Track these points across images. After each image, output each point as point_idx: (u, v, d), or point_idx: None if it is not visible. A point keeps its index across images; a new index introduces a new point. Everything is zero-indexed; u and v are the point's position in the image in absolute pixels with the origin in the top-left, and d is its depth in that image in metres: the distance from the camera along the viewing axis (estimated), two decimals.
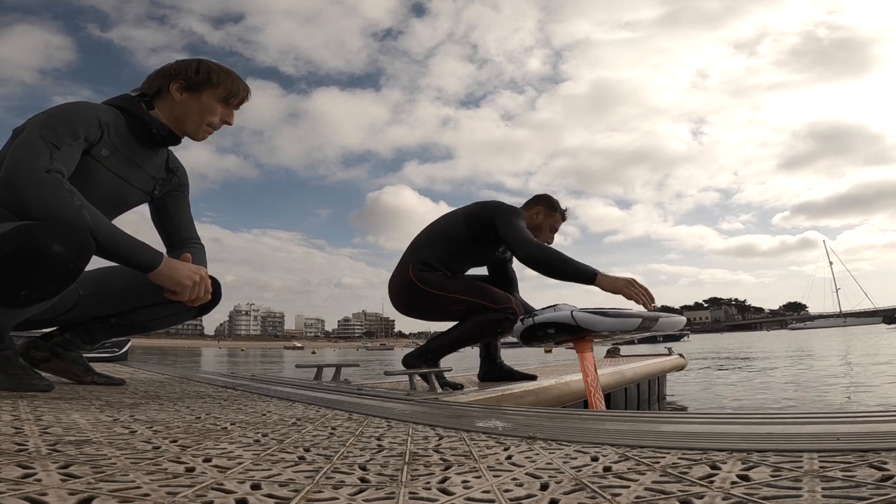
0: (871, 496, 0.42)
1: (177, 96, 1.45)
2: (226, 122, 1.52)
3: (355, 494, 0.48)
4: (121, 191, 1.46)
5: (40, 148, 1.21)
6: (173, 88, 1.45)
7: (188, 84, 1.45)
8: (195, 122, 1.48)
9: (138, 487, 0.47)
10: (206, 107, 1.47)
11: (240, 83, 1.52)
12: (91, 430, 0.77)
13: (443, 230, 2.30)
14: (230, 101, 1.50)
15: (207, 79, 1.46)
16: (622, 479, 0.52)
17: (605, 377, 2.73)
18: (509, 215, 2.15)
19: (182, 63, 1.48)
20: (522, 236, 2.07)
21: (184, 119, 1.47)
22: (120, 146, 1.41)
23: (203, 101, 1.46)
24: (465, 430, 0.86)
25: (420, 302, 2.23)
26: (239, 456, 0.63)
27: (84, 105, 1.35)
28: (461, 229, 2.25)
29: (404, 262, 2.26)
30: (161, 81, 1.46)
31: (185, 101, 1.45)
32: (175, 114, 1.47)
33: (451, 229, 2.28)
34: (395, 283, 2.27)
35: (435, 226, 2.35)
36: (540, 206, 2.38)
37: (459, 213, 2.33)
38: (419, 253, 2.25)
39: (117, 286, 1.58)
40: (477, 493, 0.48)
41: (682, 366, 3.93)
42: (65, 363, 1.60)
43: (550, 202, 2.39)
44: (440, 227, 2.32)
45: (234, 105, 1.52)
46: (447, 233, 2.28)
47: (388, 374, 2.31)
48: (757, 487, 0.47)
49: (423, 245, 2.28)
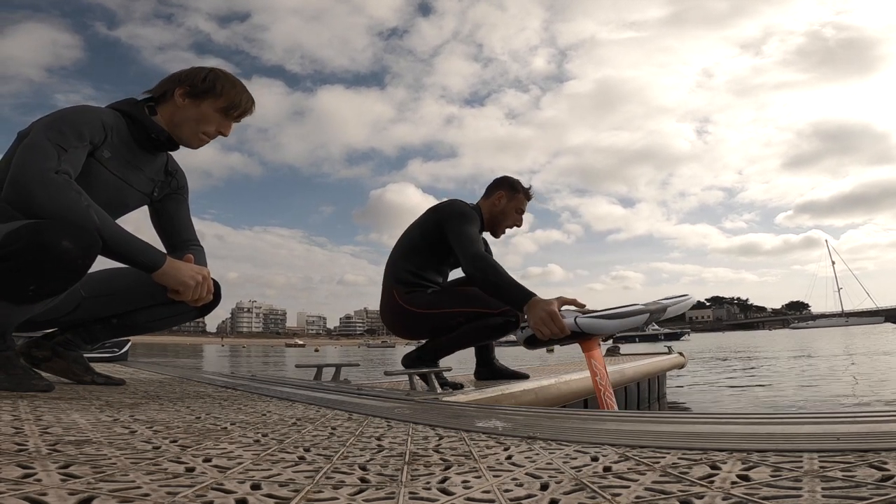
0: (872, 496, 0.42)
1: (179, 102, 1.47)
2: (221, 133, 1.52)
3: (355, 494, 0.48)
4: (121, 192, 1.49)
5: (48, 150, 1.23)
6: (177, 94, 1.46)
7: (192, 91, 1.46)
8: (191, 128, 1.49)
9: (138, 487, 0.47)
10: (203, 115, 1.47)
11: (244, 96, 1.52)
12: (91, 430, 0.77)
13: (406, 243, 2.24)
14: (230, 112, 1.51)
15: (212, 87, 1.47)
16: (622, 479, 0.52)
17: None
18: (456, 222, 2.05)
19: (194, 70, 1.50)
20: (467, 250, 1.95)
21: (180, 125, 1.48)
22: (121, 149, 1.44)
23: (202, 109, 1.47)
24: (465, 430, 0.86)
25: (417, 325, 2.16)
26: (239, 456, 0.63)
27: (89, 108, 1.38)
28: (418, 240, 2.19)
29: (387, 288, 2.19)
30: (168, 86, 1.48)
31: (186, 107, 1.47)
32: (173, 118, 1.48)
33: (412, 240, 2.22)
34: (386, 311, 2.20)
35: (400, 241, 2.28)
36: (501, 189, 2.26)
37: (415, 223, 2.26)
38: (395, 272, 2.19)
39: (119, 287, 1.59)
40: (477, 493, 0.48)
41: (682, 364, 3.94)
42: (65, 363, 1.61)
43: (510, 183, 2.27)
44: (404, 241, 2.26)
45: (233, 117, 1.53)
46: (410, 244, 2.22)
47: (388, 375, 2.31)
48: (757, 487, 0.47)
49: (396, 263, 2.21)
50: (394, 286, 2.16)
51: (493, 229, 2.28)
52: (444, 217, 2.10)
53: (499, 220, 2.24)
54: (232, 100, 1.49)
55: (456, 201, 2.21)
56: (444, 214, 2.11)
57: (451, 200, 2.22)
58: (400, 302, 2.13)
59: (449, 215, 2.09)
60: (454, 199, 2.25)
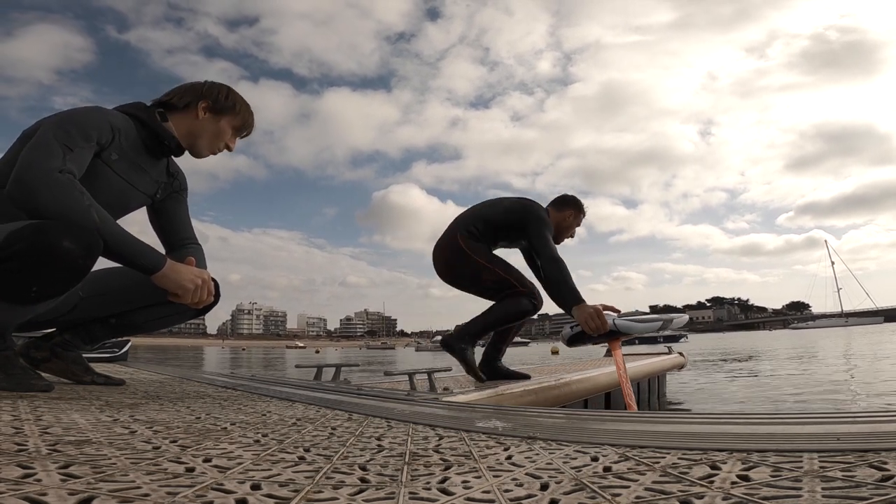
0: (872, 496, 0.42)
1: (200, 114, 1.52)
2: (227, 148, 1.62)
3: (355, 494, 0.48)
4: (126, 194, 1.50)
5: (54, 149, 1.23)
6: (200, 107, 1.52)
7: (214, 106, 1.54)
8: (209, 141, 1.56)
9: (138, 487, 0.47)
10: (221, 130, 1.56)
11: (253, 119, 1.63)
12: (91, 431, 0.77)
13: (487, 212, 2.58)
14: (241, 131, 1.62)
15: (233, 106, 1.56)
16: (622, 480, 0.52)
17: (606, 376, 2.74)
18: (542, 226, 2.43)
19: (213, 85, 1.57)
20: (548, 251, 2.36)
21: (199, 136, 1.55)
22: (128, 151, 1.45)
23: (221, 125, 1.55)
24: (465, 431, 0.86)
25: (465, 267, 2.48)
26: (239, 456, 0.63)
27: (96, 109, 1.39)
28: (499, 216, 2.53)
29: (451, 231, 2.54)
30: (190, 97, 1.53)
31: (206, 121, 1.53)
32: (191, 129, 1.53)
33: (494, 212, 2.56)
34: (443, 247, 2.55)
35: (482, 206, 2.65)
36: (570, 209, 2.69)
37: (504, 202, 2.64)
38: (466, 224, 2.53)
39: (117, 287, 1.58)
40: (477, 494, 0.48)
41: (682, 364, 3.96)
42: (65, 363, 1.61)
43: (578, 205, 2.70)
44: (485, 209, 2.61)
45: (242, 135, 1.64)
46: (490, 214, 2.56)
47: (388, 375, 2.31)
48: (757, 487, 0.47)
49: (469, 218, 2.56)
50: (460, 233, 2.50)
51: (556, 237, 2.63)
52: (533, 218, 2.46)
53: (562, 232, 2.68)
54: (245, 120, 1.60)
55: (542, 208, 2.59)
56: (532, 215, 2.47)
57: (539, 205, 2.59)
58: (462, 245, 2.47)
59: (537, 218, 2.46)
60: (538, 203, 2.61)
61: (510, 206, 2.56)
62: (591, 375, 2.65)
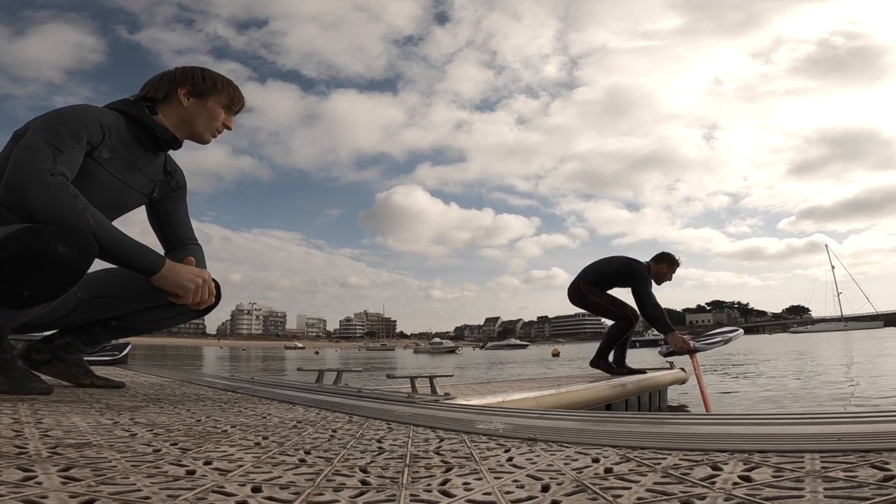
0: (874, 496, 0.42)
1: (184, 101, 1.49)
2: (227, 127, 1.58)
3: (356, 497, 0.48)
4: (120, 193, 1.47)
5: (44, 151, 1.21)
6: (180, 94, 1.49)
7: (195, 90, 1.50)
8: (204, 125, 1.53)
9: (139, 490, 0.47)
10: (212, 112, 1.53)
11: (239, 91, 1.59)
12: (91, 433, 0.76)
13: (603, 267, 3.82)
14: (232, 107, 1.58)
15: (213, 85, 1.52)
16: (623, 481, 0.52)
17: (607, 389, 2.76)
18: (644, 283, 3.60)
19: (185, 70, 1.53)
20: (648, 300, 3.56)
21: (193, 123, 1.52)
22: (120, 149, 1.42)
23: (209, 106, 1.52)
24: (465, 433, 0.86)
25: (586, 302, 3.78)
26: (239, 459, 0.63)
27: (85, 108, 1.36)
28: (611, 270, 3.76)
29: (577, 281, 3.81)
30: (168, 87, 1.50)
31: (193, 106, 1.50)
32: (183, 118, 1.51)
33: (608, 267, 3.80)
34: (574, 293, 3.83)
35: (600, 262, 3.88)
36: (665, 263, 3.78)
37: (615, 260, 3.85)
38: (587, 276, 3.79)
39: (117, 289, 1.57)
40: (478, 495, 0.48)
41: (684, 380, 3.98)
42: (65, 366, 1.60)
43: (672, 260, 3.79)
44: (602, 264, 3.85)
45: (234, 111, 1.59)
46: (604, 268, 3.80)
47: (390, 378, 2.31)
48: (759, 488, 0.46)
49: (591, 271, 3.82)
50: (582, 282, 3.79)
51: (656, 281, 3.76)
52: (638, 276, 3.61)
53: (660, 279, 3.75)
54: (232, 95, 1.56)
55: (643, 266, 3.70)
56: (637, 274, 3.63)
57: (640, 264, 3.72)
58: (584, 291, 3.76)
59: (641, 277, 3.61)
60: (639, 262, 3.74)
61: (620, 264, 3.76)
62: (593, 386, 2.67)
